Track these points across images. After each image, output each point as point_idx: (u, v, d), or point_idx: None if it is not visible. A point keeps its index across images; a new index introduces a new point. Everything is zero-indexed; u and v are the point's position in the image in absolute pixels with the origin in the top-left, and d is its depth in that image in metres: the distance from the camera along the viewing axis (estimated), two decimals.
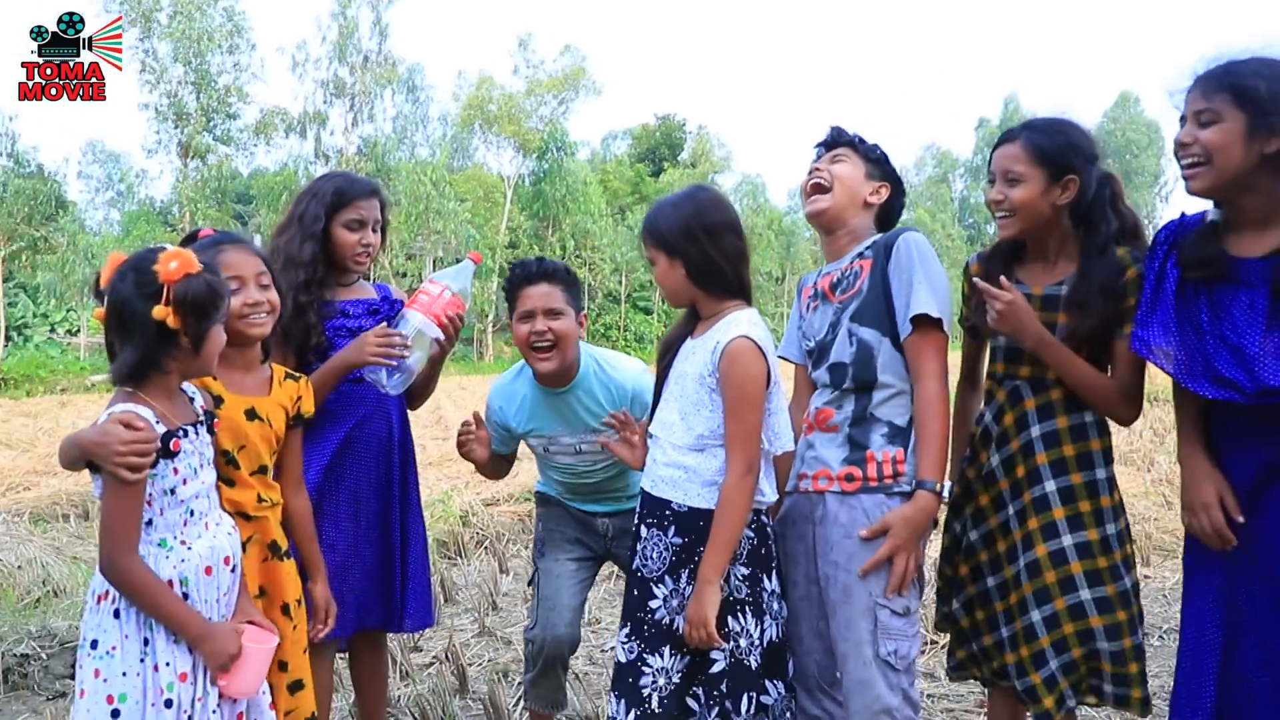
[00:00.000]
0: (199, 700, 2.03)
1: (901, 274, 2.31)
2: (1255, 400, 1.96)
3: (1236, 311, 2.02)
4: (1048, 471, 2.33)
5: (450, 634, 4.36)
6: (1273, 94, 1.95)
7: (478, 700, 3.72)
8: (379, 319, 2.84)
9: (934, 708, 3.63)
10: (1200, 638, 2.14)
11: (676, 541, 2.23)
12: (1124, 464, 9.13)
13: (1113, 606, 2.29)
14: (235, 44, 33.78)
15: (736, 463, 2.17)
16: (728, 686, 2.19)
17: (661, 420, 2.32)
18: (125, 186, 36.62)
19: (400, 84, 36.93)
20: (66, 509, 7.40)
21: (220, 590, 2.11)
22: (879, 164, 2.51)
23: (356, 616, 2.77)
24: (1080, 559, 2.29)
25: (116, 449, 1.88)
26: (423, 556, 2.98)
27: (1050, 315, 2.33)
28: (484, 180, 41.05)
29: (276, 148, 36.84)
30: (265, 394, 2.39)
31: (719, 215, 2.29)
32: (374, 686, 3.06)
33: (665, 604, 2.24)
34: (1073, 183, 2.29)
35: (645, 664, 2.24)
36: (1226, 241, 2.09)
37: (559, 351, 2.80)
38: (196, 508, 2.08)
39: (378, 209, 2.85)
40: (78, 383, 23.07)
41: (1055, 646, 2.31)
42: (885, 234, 2.45)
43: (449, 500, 7.25)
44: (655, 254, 2.32)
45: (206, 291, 1.96)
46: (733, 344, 2.18)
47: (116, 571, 1.95)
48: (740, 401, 2.17)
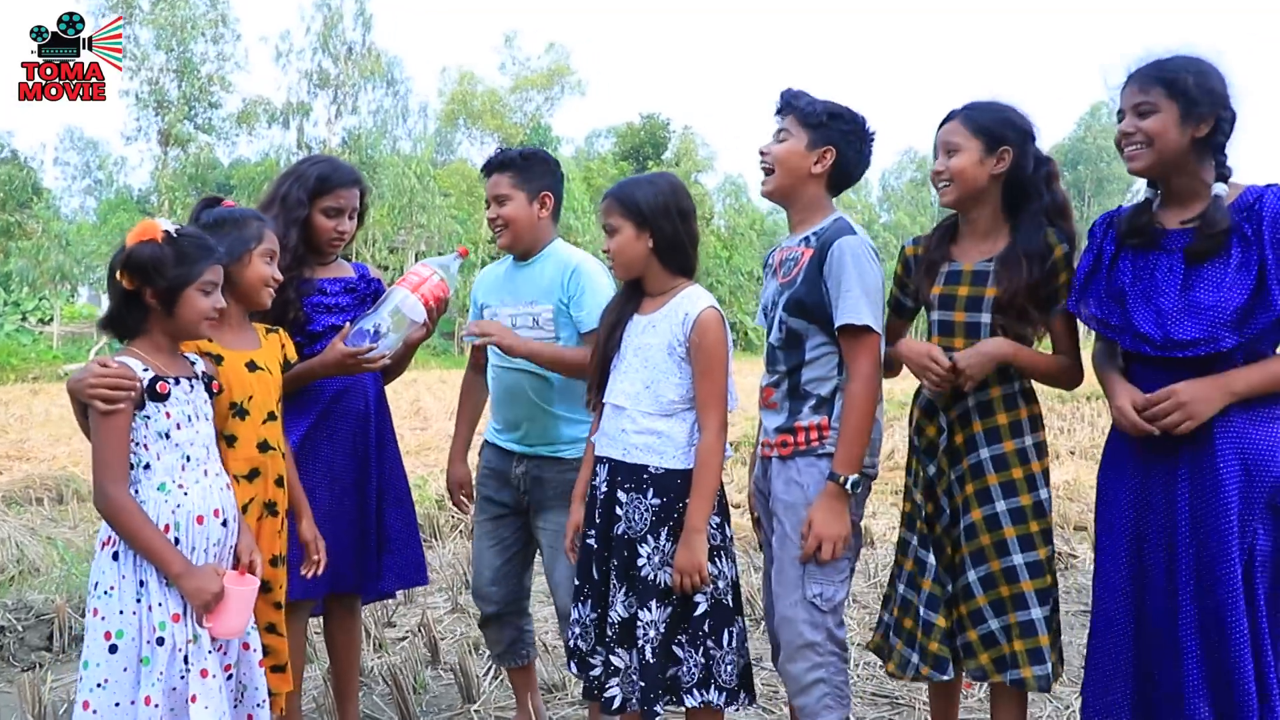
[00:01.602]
0: (191, 641, 2.16)
1: (834, 280, 2.47)
2: (1163, 352, 2.18)
3: (1159, 275, 2.24)
4: (981, 440, 2.50)
5: (424, 610, 4.45)
6: (1199, 86, 2.18)
7: (448, 670, 3.82)
8: (355, 297, 2.96)
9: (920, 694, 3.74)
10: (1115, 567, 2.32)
11: (655, 502, 2.41)
12: (1084, 457, 9.34)
13: (1042, 570, 2.46)
14: (220, 33, 33.59)
15: (712, 421, 2.41)
16: (710, 625, 2.41)
17: (625, 392, 2.49)
18: (104, 174, 36.36)
19: (381, 77, 36.77)
20: (40, 492, 7.45)
21: (209, 540, 2.24)
22: (820, 128, 2.56)
23: (329, 578, 2.86)
24: (1014, 524, 2.46)
25: (90, 380, 2.11)
26: (406, 519, 3.10)
27: (979, 289, 2.51)
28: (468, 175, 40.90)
29: (259, 138, 36.59)
30: (258, 346, 2.57)
31: (689, 201, 2.54)
32: (347, 652, 3.15)
33: (649, 561, 2.41)
34: (1007, 153, 2.48)
35: (638, 619, 2.40)
36: (1157, 216, 2.31)
37: (510, 231, 3.01)
38: (193, 455, 2.24)
39: (357, 197, 2.96)
40: (50, 371, 22.86)
41: (994, 606, 2.46)
42: (830, 228, 2.56)
43: (425, 485, 7.33)
44: (622, 223, 2.47)
45: (146, 258, 2.16)
46: (704, 314, 2.43)
47: (105, 498, 2.12)
48: (712, 366, 2.41)
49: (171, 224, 2.22)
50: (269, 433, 2.51)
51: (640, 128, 45.06)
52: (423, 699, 3.58)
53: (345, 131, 35.90)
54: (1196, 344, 2.15)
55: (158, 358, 2.23)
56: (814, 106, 2.56)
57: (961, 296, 2.54)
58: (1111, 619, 2.30)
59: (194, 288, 2.20)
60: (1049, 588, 2.47)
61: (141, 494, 2.16)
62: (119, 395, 2.11)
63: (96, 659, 2.12)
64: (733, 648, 2.43)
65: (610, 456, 2.50)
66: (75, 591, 4.49)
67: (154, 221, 2.21)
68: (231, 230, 2.44)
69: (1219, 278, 2.16)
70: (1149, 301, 2.24)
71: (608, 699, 2.45)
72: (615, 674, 2.45)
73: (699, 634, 2.41)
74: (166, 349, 2.26)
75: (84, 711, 2.11)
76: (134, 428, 2.15)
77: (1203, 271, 2.19)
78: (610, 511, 2.48)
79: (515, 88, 41.39)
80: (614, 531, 2.46)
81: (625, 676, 2.44)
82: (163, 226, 2.19)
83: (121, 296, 2.19)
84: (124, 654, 2.12)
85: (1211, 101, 2.18)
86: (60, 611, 4.11)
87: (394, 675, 3.39)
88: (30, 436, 11.12)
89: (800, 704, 2.51)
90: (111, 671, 2.11)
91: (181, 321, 2.22)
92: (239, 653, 2.31)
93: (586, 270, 2.97)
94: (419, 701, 3.53)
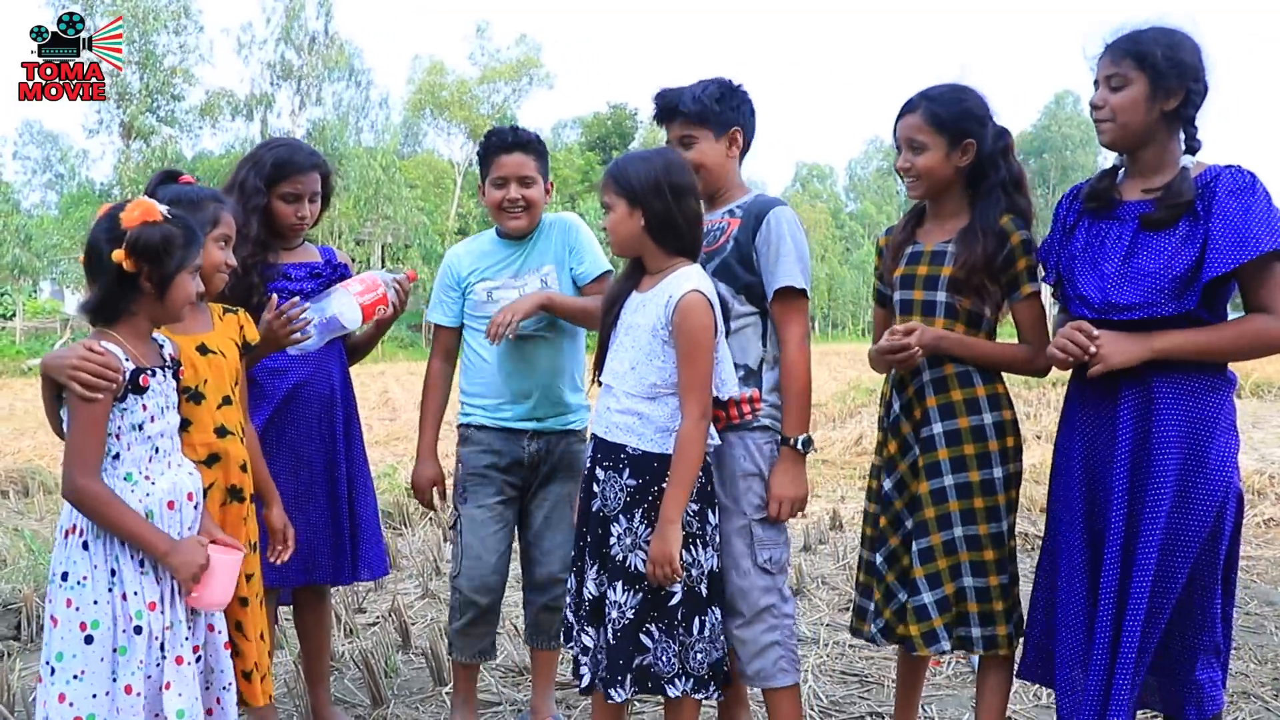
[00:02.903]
0: (168, 629, 2.14)
1: (770, 246, 2.52)
2: (1100, 315, 2.25)
3: (1108, 242, 2.31)
4: (935, 415, 2.54)
5: (395, 596, 4.45)
6: (1168, 59, 2.22)
7: (419, 654, 3.82)
8: (320, 282, 2.94)
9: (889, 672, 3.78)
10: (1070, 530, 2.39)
11: (631, 483, 2.39)
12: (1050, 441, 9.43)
13: (981, 544, 2.51)
14: (182, 24, 33.15)
15: (693, 408, 2.34)
16: (682, 614, 2.39)
17: (613, 370, 2.47)
18: (67, 167, 35.80)
19: (344, 67, 36.45)
20: (5, 485, 7.37)
21: (184, 524, 2.21)
22: (717, 118, 2.63)
23: (303, 569, 2.86)
24: (959, 499, 2.50)
25: (73, 362, 2.02)
26: (373, 508, 3.09)
27: (937, 268, 2.55)
28: (434, 166, 40.76)
29: (222, 130, 36.17)
30: (210, 329, 2.50)
31: (686, 178, 2.44)
32: (318, 638, 3.15)
33: (619, 541, 2.39)
34: (970, 146, 2.52)
35: (607, 597, 2.40)
36: (1119, 187, 2.37)
37: (529, 214, 2.97)
38: (161, 446, 2.20)
39: (317, 182, 2.92)
40: (13, 366, 22.55)
41: (929, 579, 2.51)
42: (757, 202, 2.62)
43: (394, 474, 7.31)
44: (615, 200, 2.44)
45: (159, 240, 2.08)
46: (686, 297, 2.35)
47: (77, 491, 2.06)
48: (693, 351, 2.34)
49: (162, 205, 2.15)
50: (225, 417, 2.44)
51: (607, 118, 44.96)
52: (394, 682, 3.58)
53: (309, 123, 35.55)
54: (1133, 308, 2.22)
55: (137, 345, 2.15)
56: (697, 105, 2.62)
57: (920, 276, 2.58)
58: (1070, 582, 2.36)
59: (187, 271, 2.15)
60: (987, 561, 2.51)
61: (107, 483, 2.10)
62: (101, 385, 2.04)
63: (72, 651, 2.07)
64: (704, 636, 2.42)
65: (595, 433, 2.51)
66: (42, 581, 4.44)
67: (150, 201, 2.13)
68: (186, 212, 2.31)
69: (1162, 246, 2.22)
70: (1095, 267, 2.30)
71: (580, 677, 2.47)
72: (585, 652, 2.46)
73: (670, 623, 2.40)
74: (145, 334, 2.20)
75: (59, 704, 2.05)
76: (110, 418, 2.09)
77: (1149, 240, 2.24)
78: (590, 487, 2.48)
79: (483, 79, 41.18)
80: (591, 507, 2.46)
81: (593, 656, 2.44)
82: (160, 207, 2.13)
83: (115, 280, 2.09)
84: (100, 644, 2.07)
85: (1181, 74, 2.22)
86: (28, 600, 4.08)
87: (365, 659, 3.39)
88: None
89: (757, 668, 2.55)
90: (88, 663, 2.06)
91: (171, 305, 2.16)
92: (205, 634, 2.28)
93: (581, 224, 3.06)
94: (390, 685, 3.53)
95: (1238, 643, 3.95)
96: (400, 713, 3.33)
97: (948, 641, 2.51)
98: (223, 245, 2.45)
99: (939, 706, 3.30)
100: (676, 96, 2.64)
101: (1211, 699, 2.28)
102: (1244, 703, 3.38)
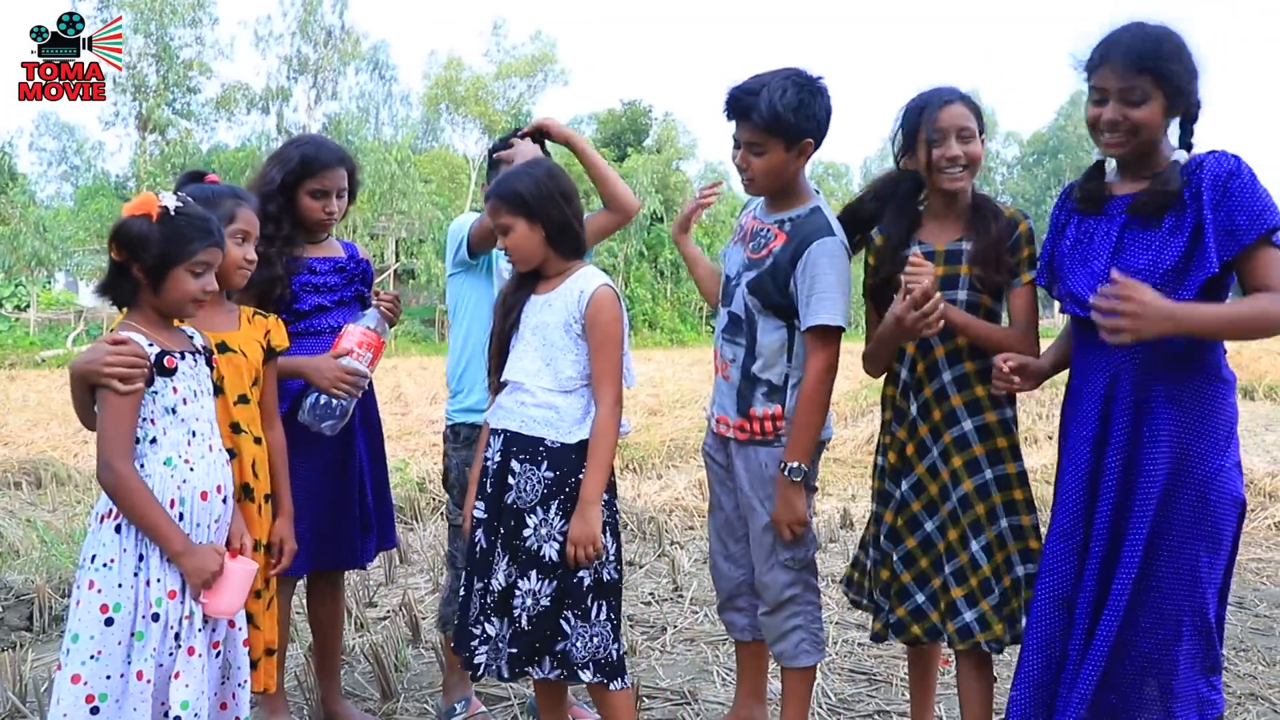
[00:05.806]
0: (186, 618, 2.17)
1: (808, 277, 2.53)
2: (1090, 312, 2.20)
3: (1097, 239, 2.30)
4: (964, 412, 2.56)
5: (405, 591, 4.48)
6: (1185, 73, 2.18)
7: (429, 649, 3.84)
8: (344, 277, 2.99)
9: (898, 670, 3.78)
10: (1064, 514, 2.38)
11: (549, 475, 2.47)
12: None
13: (1025, 535, 2.56)
14: (198, 18, 33.30)
15: (608, 396, 2.50)
16: (591, 598, 2.47)
17: (523, 369, 2.54)
18: (83, 160, 36.01)
19: (365, 61, 36.54)
20: (18, 477, 7.41)
21: (212, 517, 2.24)
22: (790, 130, 2.51)
23: (309, 555, 2.88)
24: (1000, 492, 2.55)
25: (106, 360, 2.08)
26: (388, 498, 3.18)
27: (954, 267, 2.56)
28: (449, 161, 40.74)
29: (238, 124, 36.35)
30: (235, 328, 2.53)
31: (568, 182, 2.55)
32: (331, 628, 3.18)
33: (535, 533, 2.46)
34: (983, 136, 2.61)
35: (517, 587, 2.46)
36: (1110, 185, 2.36)
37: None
38: (199, 430, 2.24)
39: (344, 178, 2.96)
40: (27, 358, 22.62)
41: (995, 574, 2.55)
42: (807, 223, 2.60)
43: (406, 469, 7.34)
44: (514, 220, 2.50)
45: (136, 233, 2.14)
46: (598, 291, 2.50)
47: (111, 473, 2.10)
48: (606, 343, 2.49)
49: (175, 199, 2.19)
50: (241, 415, 2.48)
51: (621, 114, 44.88)
52: (404, 676, 3.61)
53: (326, 117, 35.65)
54: None
55: (157, 332, 2.21)
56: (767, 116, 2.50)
57: (936, 277, 2.55)
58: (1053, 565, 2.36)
59: (183, 268, 2.17)
60: (1033, 550, 2.53)
61: (148, 468, 2.14)
62: (135, 375, 2.10)
63: (90, 631, 2.09)
64: (606, 620, 2.50)
65: (506, 428, 2.54)
66: (55, 572, 4.49)
67: (154, 195, 2.17)
68: (204, 209, 2.35)
69: (1149, 241, 2.19)
70: (1085, 265, 2.30)
71: (475, 665, 2.51)
72: (486, 641, 2.50)
73: (581, 608, 2.46)
74: (160, 323, 2.24)
75: (72, 684, 2.07)
76: (142, 403, 2.14)
77: (1136, 236, 2.22)
78: (502, 481, 2.52)
79: (499, 75, 41.18)
80: (504, 501, 2.51)
81: (493, 645, 2.49)
82: (163, 201, 2.16)
83: (113, 266, 2.19)
84: (119, 627, 2.10)
85: (1194, 88, 2.20)
86: (40, 592, 4.11)
87: (376, 653, 3.41)
88: (8, 422, 11.06)
89: (779, 650, 2.74)
90: (106, 644, 2.09)
91: (167, 300, 2.20)
92: (225, 630, 2.31)
93: None
94: (400, 679, 3.55)
95: (1245, 644, 3.95)
96: (410, 707, 3.36)
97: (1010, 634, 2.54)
98: (240, 241, 2.48)
99: (948, 705, 3.30)
100: (751, 101, 2.49)
101: (1210, 703, 2.27)
102: (1251, 704, 3.38)
